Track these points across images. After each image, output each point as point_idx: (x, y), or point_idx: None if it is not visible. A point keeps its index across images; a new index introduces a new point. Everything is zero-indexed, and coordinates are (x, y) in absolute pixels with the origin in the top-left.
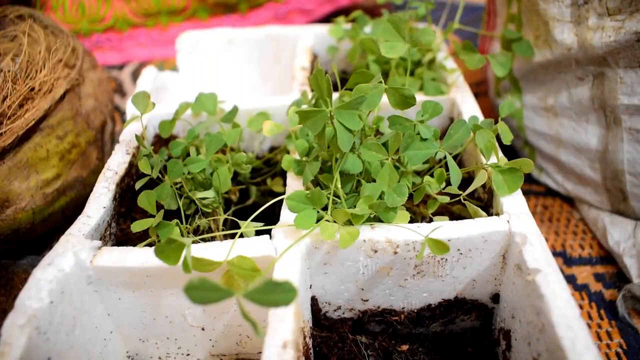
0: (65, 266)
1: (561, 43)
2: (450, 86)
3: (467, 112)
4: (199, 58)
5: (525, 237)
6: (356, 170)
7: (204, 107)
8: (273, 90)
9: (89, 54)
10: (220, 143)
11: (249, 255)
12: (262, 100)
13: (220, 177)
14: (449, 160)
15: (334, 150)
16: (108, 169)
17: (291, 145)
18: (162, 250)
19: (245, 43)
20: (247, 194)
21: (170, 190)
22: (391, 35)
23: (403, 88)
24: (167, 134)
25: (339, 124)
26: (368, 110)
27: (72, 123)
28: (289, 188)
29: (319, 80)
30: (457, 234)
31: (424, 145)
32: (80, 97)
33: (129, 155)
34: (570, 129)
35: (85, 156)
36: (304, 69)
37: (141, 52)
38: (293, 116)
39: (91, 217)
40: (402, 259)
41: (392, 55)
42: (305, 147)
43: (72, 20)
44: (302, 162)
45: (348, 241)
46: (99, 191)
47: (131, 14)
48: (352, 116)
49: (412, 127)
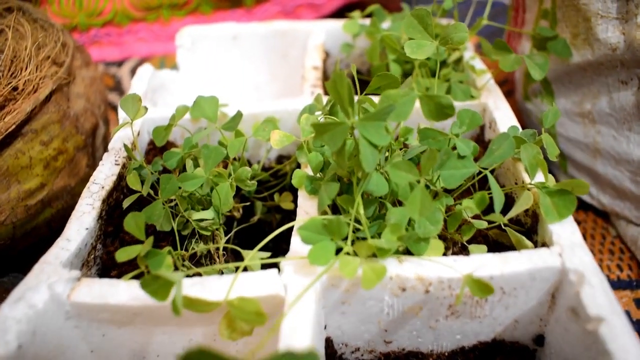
0: (37, 301)
1: (605, 42)
2: (480, 90)
3: (501, 119)
4: (201, 55)
5: (583, 275)
6: (381, 192)
7: (203, 112)
8: (281, 90)
9: (81, 50)
10: (220, 157)
11: (254, 293)
12: (270, 104)
13: (221, 196)
14: (491, 181)
15: (356, 168)
16: (94, 182)
17: (303, 157)
18: (149, 284)
19: (251, 39)
20: (252, 209)
21: (162, 210)
22: (416, 31)
23: (439, 96)
24: (161, 141)
25: (362, 139)
26: (397, 121)
27: (59, 127)
28: (301, 210)
29: (338, 86)
30: (501, 271)
31: (462, 164)
32: (69, 97)
33: (118, 165)
34: (609, 138)
35: (74, 163)
36: (315, 68)
37: (142, 47)
38: (305, 124)
39: (71, 241)
40: (435, 299)
41: (418, 56)
42: (320, 161)
43: (69, 14)
44: (316, 180)
45: (372, 281)
46: (81, 209)
47: (131, 7)
48: (378, 129)
49: (447, 141)
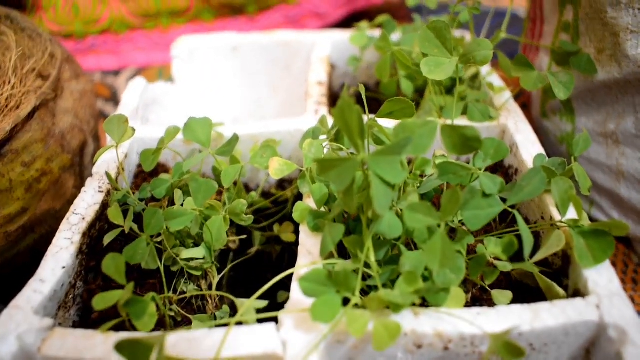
0: (5, 354)
1: (634, 59)
2: (499, 109)
3: (523, 144)
4: (198, 67)
5: (625, 332)
6: (394, 234)
7: (194, 135)
8: (283, 105)
9: (71, 61)
10: (211, 192)
11: (248, 351)
12: (270, 125)
13: (213, 231)
14: (520, 224)
15: (365, 205)
16: (74, 212)
17: (305, 187)
18: (125, 349)
19: (252, 50)
20: (250, 238)
21: (146, 249)
22: (433, 46)
23: (464, 127)
24: (150, 166)
25: (375, 177)
26: (415, 155)
27: (43, 146)
28: (302, 249)
29: (346, 116)
30: (531, 326)
31: (487, 203)
32: (55, 113)
33: (102, 193)
34: (634, 160)
35: (59, 185)
36: (320, 83)
37: (140, 56)
38: (308, 151)
39: (45, 282)
40: (455, 356)
41: (437, 76)
42: (325, 194)
43: (65, 21)
44: (320, 215)
45: (385, 342)
46: (59, 244)
47: (129, 14)
48: (393, 165)
49: (470, 176)
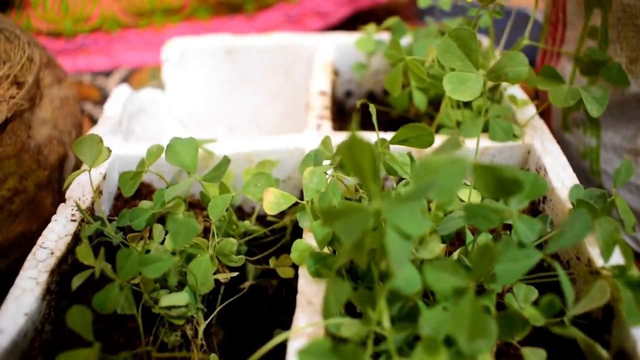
0: None
1: None
2: (523, 126)
3: (552, 168)
4: (190, 72)
5: None
6: (412, 290)
7: (178, 159)
8: (282, 114)
9: (52, 65)
10: (192, 234)
11: None
12: (266, 142)
13: (198, 275)
14: (561, 276)
15: (378, 255)
16: (41, 246)
17: (305, 221)
18: None
19: (248, 54)
20: (243, 272)
21: (120, 294)
22: (456, 58)
23: (501, 167)
24: (129, 191)
25: (391, 230)
26: (439, 201)
27: (15, 162)
28: (301, 298)
29: (357, 155)
30: None
31: (522, 254)
32: (31, 125)
33: (75, 222)
34: None
35: (35, 205)
36: (322, 93)
37: (132, 56)
38: (309, 181)
39: (4, 333)
40: None
41: (462, 97)
42: (328, 234)
43: (54, 19)
44: (322, 258)
45: None
46: (22, 285)
47: (121, 12)
48: (412, 214)
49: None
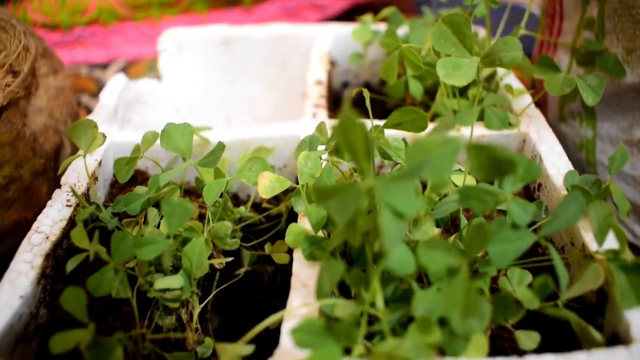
0: None
1: None
2: (519, 115)
3: (548, 156)
4: (187, 62)
5: None
6: (406, 271)
7: (173, 144)
8: (278, 103)
9: (49, 55)
10: (187, 216)
11: None
12: (263, 129)
13: (192, 259)
14: (555, 259)
15: (372, 235)
16: (37, 230)
17: (300, 205)
18: None
19: (245, 44)
20: (238, 258)
21: (114, 277)
22: (450, 44)
23: (494, 147)
24: (124, 177)
25: (384, 207)
26: (433, 179)
27: (10, 150)
28: (296, 281)
29: (349, 134)
30: None
31: (516, 235)
32: (27, 113)
33: (71, 207)
34: None
35: (30, 192)
36: (319, 83)
37: (129, 49)
38: (304, 165)
39: None
40: None
41: (456, 81)
42: (322, 217)
43: (51, 11)
44: (317, 242)
45: None
46: (17, 268)
47: (118, 5)
48: (406, 192)
49: (495, 203)
